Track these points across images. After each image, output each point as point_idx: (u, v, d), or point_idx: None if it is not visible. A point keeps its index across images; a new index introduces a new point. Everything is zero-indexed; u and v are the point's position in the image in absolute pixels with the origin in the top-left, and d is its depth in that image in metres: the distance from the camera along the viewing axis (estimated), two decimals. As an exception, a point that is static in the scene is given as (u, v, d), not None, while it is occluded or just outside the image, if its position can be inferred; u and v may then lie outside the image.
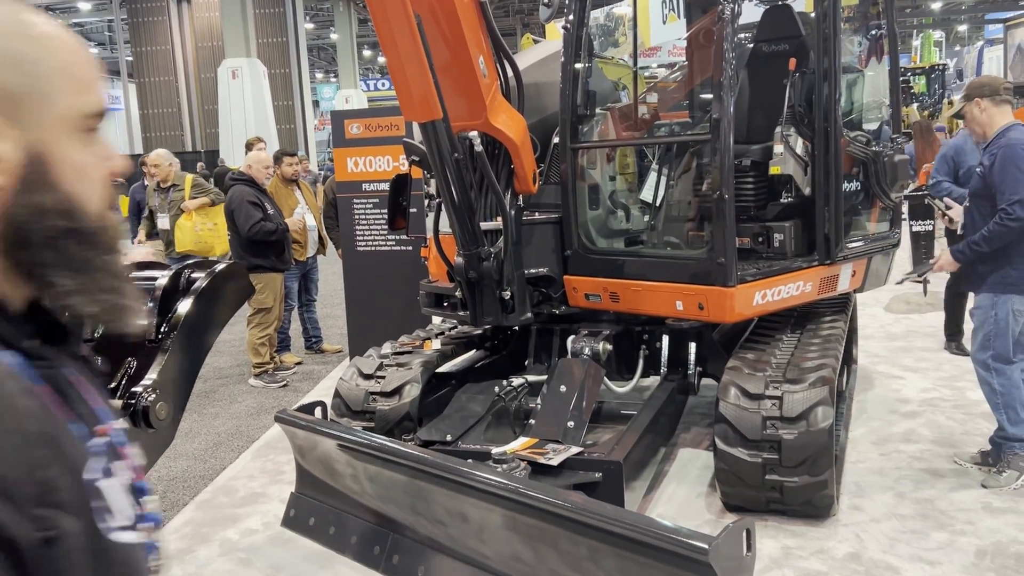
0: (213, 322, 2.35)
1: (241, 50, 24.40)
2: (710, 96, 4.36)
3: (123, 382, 2.20)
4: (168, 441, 2.20)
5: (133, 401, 2.02)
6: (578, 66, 4.76)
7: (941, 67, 24.85)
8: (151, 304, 2.27)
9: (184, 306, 2.24)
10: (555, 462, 3.59)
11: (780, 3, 5.37)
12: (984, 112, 4.24)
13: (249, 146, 8.88)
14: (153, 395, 2.03)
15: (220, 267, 2.35)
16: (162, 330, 2.24)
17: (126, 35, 29.63)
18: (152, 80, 29.11)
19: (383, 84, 40.33)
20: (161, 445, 2.17)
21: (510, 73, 4.45)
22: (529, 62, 5.07)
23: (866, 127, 5.22)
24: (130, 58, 30.05)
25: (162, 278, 2.31)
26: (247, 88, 24.31)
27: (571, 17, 4.78)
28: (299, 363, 7.65)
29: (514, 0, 34.38)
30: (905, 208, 7.83)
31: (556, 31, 6.44)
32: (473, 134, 4.18)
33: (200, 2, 28.21)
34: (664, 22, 18.08)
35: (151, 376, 2.07)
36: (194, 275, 2.32)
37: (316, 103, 37.94)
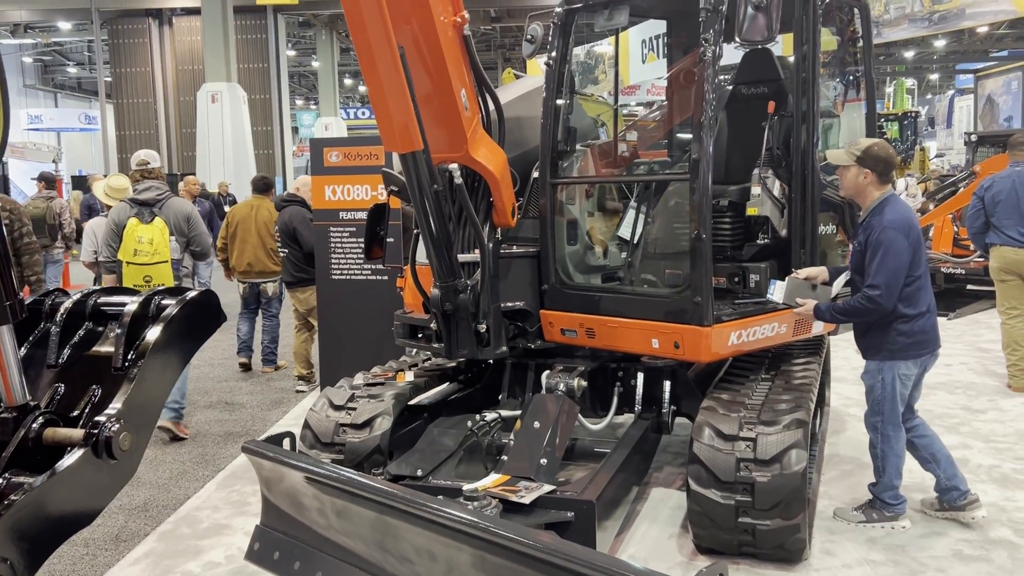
0: (182, 351, 2.29)
1: (221, 74, 24.37)
2: (689, 136, 4.39)
3: (86, 410, 2.14)
4: (131, 472, 2.13)
5: (96, 431, 1.95)
6: (559, 102, 4.79)
7: (913, 114, 25.38)
8: (119, 331, 2.21)
9: (153, 334, 2.18)
10: (527, 500, 3.54)
11: (760, 47, 5.44)
12: (865, 184, 4.18)
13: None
14: (117, 425, 1.97)
15: (192, 295, 2.30)
16: (129, 357, 2.18)
17: (106, 56, 29.48)
18: (130, 102, 28.94)
19: (363, 113, 40.39)
20: (124, 476, 2.11)
21: (491, 107, 4.45)
22: (511, 96, 5.08)
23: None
24: (109, 79, 29.88)
25: (131, 304, 2.25)
26: (226, 113, 24.26)
27: (554, 54, 4.81)
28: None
29: (496, 34, 34.71)
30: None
31: (537, 67, 6.49)
32: (453, 166, 4.16)
33: (182, 26, 28.18)
34: (643, 61, 18.37)
35: (115, 405, 2.01)
36: (164, 302, 2.27)
37: (295, 129, 37.91)
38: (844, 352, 7.96)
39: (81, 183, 23.56)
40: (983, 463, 5.29)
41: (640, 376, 4.77)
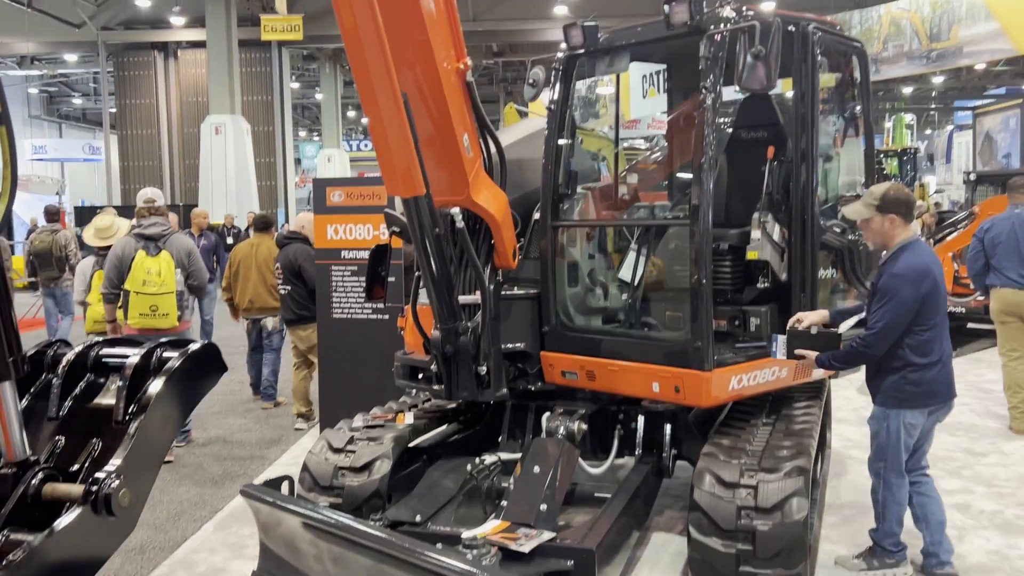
0: (184, 404, 2.29)
1: (226, 107, 24.56)
2: (690, 179, 4.42)
3: (86, 464, 2.14)
4: (130, 528, 2.12)
5: (95, 487, 1.95)
6: (561, 143, 4.82)
7: (913, 150, 25.51)
8: (121, 383, 2.22)
9: (155, 387, 2.18)
10: (526, 549, 3.51)
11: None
12: (892, 228, 4.17)
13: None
14: (116, 481, 1.96)
15: (195, 347, 2.31)
16: (130, 411, 2.18)
17: (111, 87, 29.73)
18: (134, 133, 29.13)
19: (365, 145, 40.66)
20: (123, 532, 2.10)
21: (493, 150, 4.49)
22: (512, 139, 5.12)
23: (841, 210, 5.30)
24: (114, 110, 30.11)
25: (133, 356, 2.26)
26: (230, 144, 24.41)
27: (555, 97, 4.86)
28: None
29: (498, 69, 35.02)
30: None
31: (540, 106, 6.55)
32: (455, 210, 4.19)
33: (187, 58, 28.44)
34: (644, 96, 18.53)
35: (115, 461, 2.01)
36: (166, 354, 2.28)
37: (298, 161, 38.13)
38: (845, 392, 7.95)
39: (88, 216, 23.59)
40: (985, 508, 5.26)
41: (641, 419, 4.76)
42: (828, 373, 4.89)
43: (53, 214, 11.35)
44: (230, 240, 16.20)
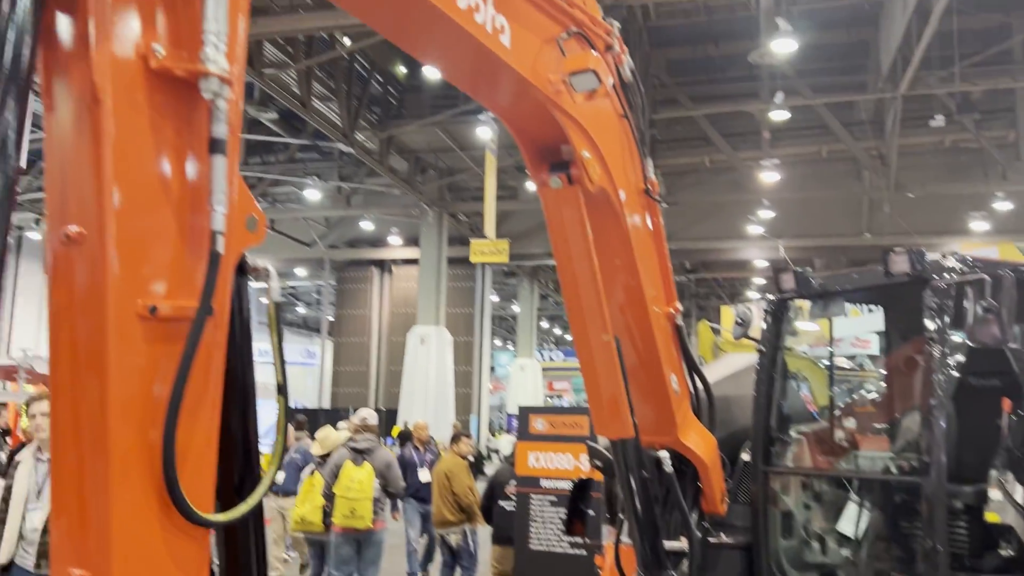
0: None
1: (432, 318, 26.18)
2: (915, 429, 4.16)
3: None
4: None
5: None
6: (773, 387, 4.71)
7: None
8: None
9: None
10: None
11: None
12: None
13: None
14: None
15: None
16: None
17: (332, 297, 32.59)
18: (348, 340, 31.47)
19: (557, 355, 41.59)
20: None
21: (700, 388, 4.45)
22: (719, 375, 5.08)
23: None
24: (332, 319, 32.82)
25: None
26: (432, 354, 25.75)
27: (767, 338, 4.80)
28: None
29: (691, 285, 35.38)
30: None
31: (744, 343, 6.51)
32: (663, 454, 4.13)
33: (400, 273, 30.88)
34: (845, 315, 17.90)
35: None
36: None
37: (492, 369, 39.43)
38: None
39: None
40: None
41: None
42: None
43: (300, 424, 12.56)
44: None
